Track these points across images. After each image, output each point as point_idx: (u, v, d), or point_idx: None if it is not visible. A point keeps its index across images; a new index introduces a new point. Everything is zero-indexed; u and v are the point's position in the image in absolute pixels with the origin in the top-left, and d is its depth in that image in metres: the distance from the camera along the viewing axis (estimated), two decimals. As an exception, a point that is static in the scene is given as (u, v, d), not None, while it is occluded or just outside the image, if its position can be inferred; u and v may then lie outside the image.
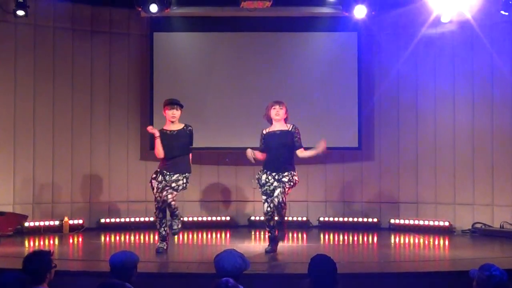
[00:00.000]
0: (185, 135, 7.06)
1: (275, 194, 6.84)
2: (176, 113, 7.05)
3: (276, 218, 6.89)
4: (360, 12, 8.93)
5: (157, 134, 7.02)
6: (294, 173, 6.95)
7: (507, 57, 8.78)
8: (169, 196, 6.88)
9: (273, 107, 6.99)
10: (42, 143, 9.21)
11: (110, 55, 9.75)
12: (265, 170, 6.96)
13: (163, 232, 7.05)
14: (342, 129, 9.68)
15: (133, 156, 9.84)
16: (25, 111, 9.09)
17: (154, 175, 7.04)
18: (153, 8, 8.87)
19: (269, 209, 6.89)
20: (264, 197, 6.94)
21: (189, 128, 7.11)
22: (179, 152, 7.02)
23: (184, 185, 7.02)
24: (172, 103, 7.06)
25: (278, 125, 7.01)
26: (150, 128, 7.22)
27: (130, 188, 9.77)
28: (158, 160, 7.16)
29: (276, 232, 7.00)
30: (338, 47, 9.74)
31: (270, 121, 7.08)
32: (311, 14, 9.54)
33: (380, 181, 9.76)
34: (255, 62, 9.80)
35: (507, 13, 8.32)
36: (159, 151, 7.01)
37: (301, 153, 7.01)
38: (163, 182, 6.94)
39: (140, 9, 9.03)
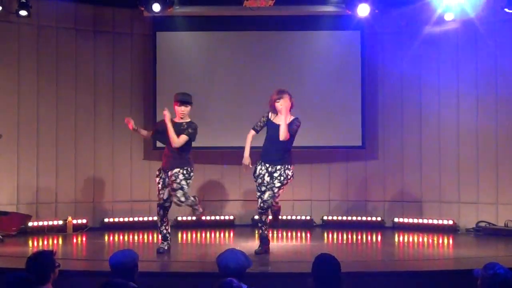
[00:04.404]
0: (181, 131, 6.88)
1: (265, 197, 6.72)
2: (185, 110, 6.97)
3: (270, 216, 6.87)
4: (363, 10, 8.92)
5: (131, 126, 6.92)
6: (289, 167, 6.76)
7: (511, 55, 8.75)
8: (174, 199, 6.86)
9: (276, 101, 6.80)
10: (45, 143, 9.21)
11: (113, 55, 9.75)
12: (260, 161, 6.84)
13: (164, 231, 7.01)
14: (346, 128, 9.67)
15: (137, 156, 9.84)
16: (28, 111, 9.10)
17: (158, 172, 7.03)
18: (156, 7, 8.87)
19: (261, 204, 6.75)
20: (258, 193, 6.81)
21: (191, 125, 6.95)
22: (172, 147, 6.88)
23: (183, 179, 6.80)
24: (182, 101, 6.94)
25: (282, 117, 6.76)
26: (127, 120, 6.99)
27: (134, 187, 9.77)
28: (161, 159, 7.13)
29: (269, 232, 6.95)
30: (341, 46, 9.72)
31: (274, 111, 6.88)
32: (314, 13, 9.52)
33: (384, 180, 9.74)
34: (258, 61, 9.79)
35: (511, 11, 8.29)
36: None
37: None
38: (166, 179, 6.89)
39: (143, 8, 9.03)
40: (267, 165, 6.79)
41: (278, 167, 6.73)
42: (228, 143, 9.56)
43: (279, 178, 6.72)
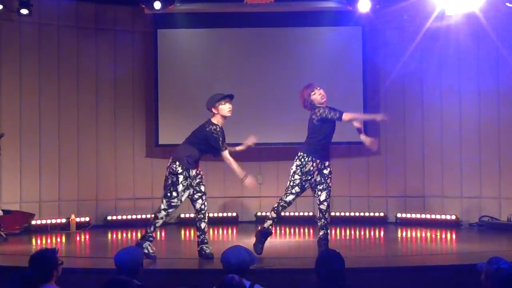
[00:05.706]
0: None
1: (322, 198, 6.48)
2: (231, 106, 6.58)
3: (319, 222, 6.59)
4: (364, 6, 8.88)
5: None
6: (330, 162, 6.62)
7: (513, 49, 8.74)
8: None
9: (314, 92, 6.59)
10: (48, 141, 9.22)
11: (114, 52, 9.75)
12: (311, 157, 6.42)
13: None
14: (348, 124, 9.62)
15: (139, 154, 9.84)
16: (30, 110, 9.11)
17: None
18: (157, 5, 8.87)
19: (321, 207, 6.52)
20: (297, 189, 6.43)
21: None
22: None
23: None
24: (232, 96, 6.62)
25: None
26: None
27: (136, 185, 9.78)
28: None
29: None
30: (342, 42, 9.70)
31: (312, 107, 6.59)
32: (315, 9, 9.51)
33: (386, 175, 9.73)
34: (259, 58, 9.78)
35: (512, 5, 8.28)
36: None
37: (346, 116, 6.58)
38: (188, 179, 6.56)
39: (143, 6, 9.04)
40: (318, 161, 6.45)
41: (327, 163, 6.52)
42: (230, 139, 9.52)
43: (330, 176, 6.52)
